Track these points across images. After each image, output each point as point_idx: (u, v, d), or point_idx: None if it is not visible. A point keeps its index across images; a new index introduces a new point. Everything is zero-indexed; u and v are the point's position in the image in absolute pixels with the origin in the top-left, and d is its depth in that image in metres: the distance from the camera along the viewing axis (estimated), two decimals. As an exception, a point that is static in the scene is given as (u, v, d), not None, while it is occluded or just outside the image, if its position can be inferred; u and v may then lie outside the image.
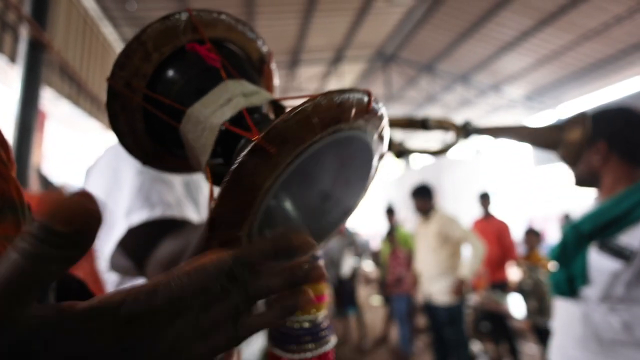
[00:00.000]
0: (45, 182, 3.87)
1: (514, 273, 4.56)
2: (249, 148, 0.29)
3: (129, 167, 0.76)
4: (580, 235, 1.28)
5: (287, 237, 0.29)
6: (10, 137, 3.41)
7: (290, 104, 0.40)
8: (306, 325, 0.45)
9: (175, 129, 0.46)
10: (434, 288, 3.48)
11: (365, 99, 0.33)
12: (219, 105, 0.42)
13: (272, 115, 0.50)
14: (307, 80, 8.90)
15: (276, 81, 0.59)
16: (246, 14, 5.93)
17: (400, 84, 9.25)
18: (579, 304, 1.25)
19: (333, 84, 9.30)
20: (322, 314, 0.47)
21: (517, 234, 4.82)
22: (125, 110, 0.48)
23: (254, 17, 6.06)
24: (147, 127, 0.50)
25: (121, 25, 5.80)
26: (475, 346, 4.18)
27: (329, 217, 0.41)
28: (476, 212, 4.75)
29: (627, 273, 1.12)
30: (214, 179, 0.43)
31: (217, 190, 0.33)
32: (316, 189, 0.37)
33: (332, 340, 0.46)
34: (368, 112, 0.34)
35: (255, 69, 0.55)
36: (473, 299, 4.00)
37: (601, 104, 7.83)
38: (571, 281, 1.27)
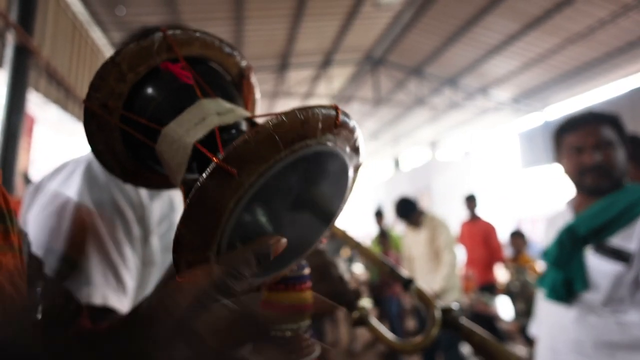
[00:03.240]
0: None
1: (501, 275, 4.59)
2: (209, 170, 0.29)
3: (68, 220, 0.69)
4: (576, 238, 1.27)
5: (263, 241, 0.33)
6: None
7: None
8: (289, 334, 0.44)
9: (152, 147, 0.46)
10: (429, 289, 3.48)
11: (333, 113, 0.33)
12: (193, 124, 0.43)
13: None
14: (297, 84, 8.90)
15: (257, 95, 0.59)
16: (235, 18, 5.92)
17: (388, 87, 9.29)
18: (572, 308, 1.25)
19: (322, 88, 9.31)
20: (306, 323, 0.46)
21: (504, 235, 4.86)
22: (102, 130, 0.49)
23: (243, 22, 6.05)
24: (126, 145, 0.51)
25: (110, 30, 5.75)
26: (465, 348, 4.21)
27: (308, 230, 0.41)
28: (465, 213, 4.79)
29: (628, 275, 1.13)
30: None
31: None
32: (293, 203, 0.37)
33: (316, 351, 0.45)
34: (337, 126, 0.34)
35: (234, 84, 0.55)
36: (462, 301, 4.04)
37: (587, 106, 7.95)
38: (569, 285, 1.25)
